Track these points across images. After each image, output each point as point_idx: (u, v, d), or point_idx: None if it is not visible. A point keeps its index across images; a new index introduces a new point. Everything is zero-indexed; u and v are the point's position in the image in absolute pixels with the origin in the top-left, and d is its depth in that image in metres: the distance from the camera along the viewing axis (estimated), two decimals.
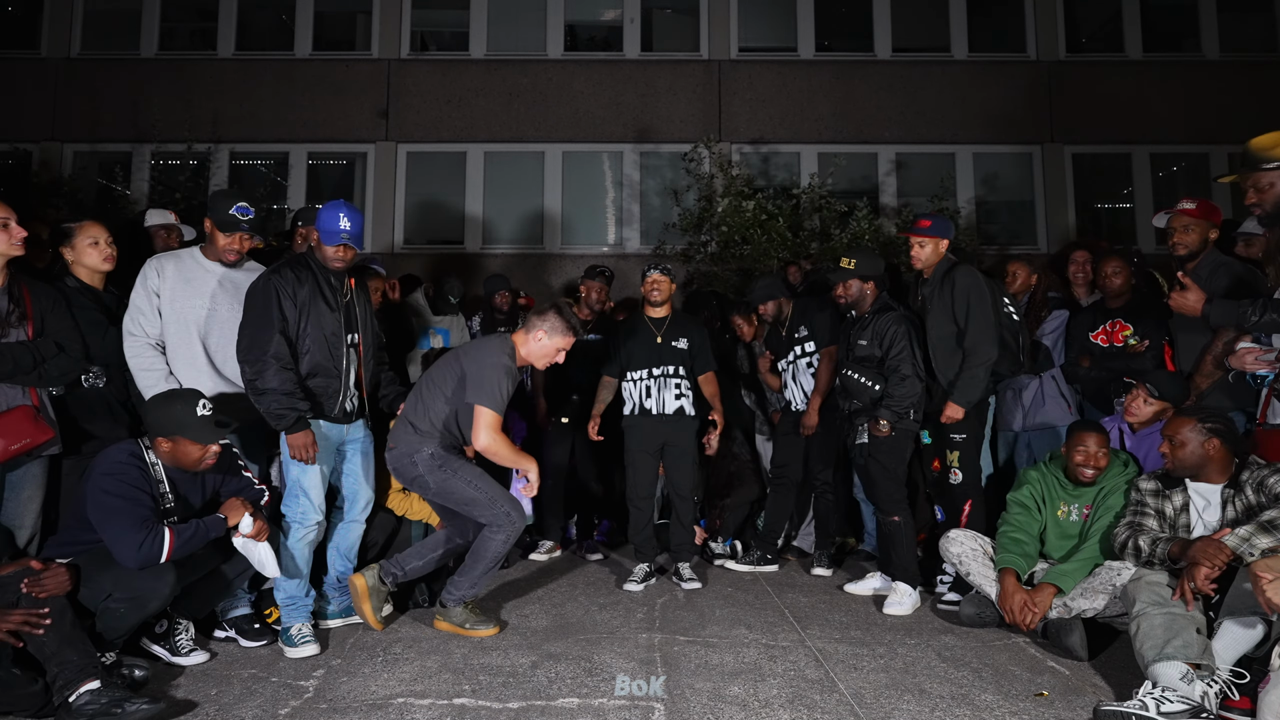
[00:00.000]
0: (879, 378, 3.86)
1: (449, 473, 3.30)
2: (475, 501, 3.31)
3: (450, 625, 3.36)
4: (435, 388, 3.39)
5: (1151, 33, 10.14)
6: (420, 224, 9.89)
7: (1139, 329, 3.95)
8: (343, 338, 3.30)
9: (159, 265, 3.30)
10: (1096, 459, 3.30)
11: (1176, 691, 2.44)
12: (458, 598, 3.36)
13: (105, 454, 2.83)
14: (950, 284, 3.80)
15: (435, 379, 3.41)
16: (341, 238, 3.21)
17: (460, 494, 3.31)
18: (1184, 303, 3.18)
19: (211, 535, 2.86)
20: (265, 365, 3.08)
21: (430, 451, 3.30)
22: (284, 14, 10.14)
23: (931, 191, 8.22)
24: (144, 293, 3.26)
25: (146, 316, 3.24)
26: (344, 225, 3.21)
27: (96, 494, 2.71)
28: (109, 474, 2.74)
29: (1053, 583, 3.16)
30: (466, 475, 3.33)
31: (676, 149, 9.26)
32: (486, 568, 3.36)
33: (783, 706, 2.59)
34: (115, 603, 2.69)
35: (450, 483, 3.30)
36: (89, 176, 9.29)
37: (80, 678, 2.40)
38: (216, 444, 2.91)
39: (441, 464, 3.30)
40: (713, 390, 4.39)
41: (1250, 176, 2.99)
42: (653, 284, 4.38)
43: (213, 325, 3.31)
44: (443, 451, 3.33)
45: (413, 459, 3.31)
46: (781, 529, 4.69)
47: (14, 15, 10.22)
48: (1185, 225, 3.61)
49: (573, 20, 10.21)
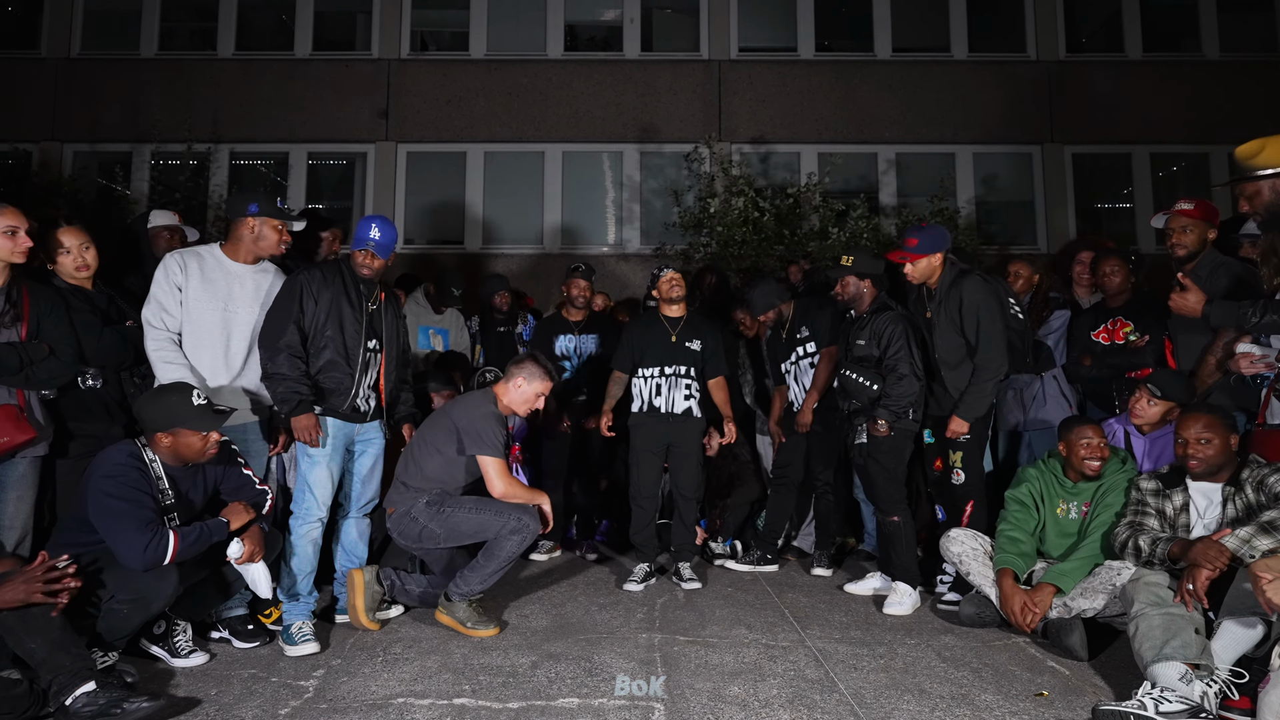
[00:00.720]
0: (877, 377, 3.85)
1: (449, 510, 3.40)
2: (486, 525, 3.37)
3: (451, 620, 3.36)
4: (428, 445, 3.49)
5: (1151, 33, 10.15)
6: (420, 224, 9.89)
7: (1139, 325, 3.95)
8: (361, 341, 3.39)
9: (182, 260, 3.29)
10: (1101, 449, 3.30)
11: (1175, 692, 2.44)
12: (464, 593, 3.36)
13: (103, 455, 2.82)
14: (957, 298, 3.75)
15: (427, 438, 3.53)
16: (367, 244, 3.40)
17: (468, 525, 3.39)
18: (1184, 304, 3.18)
19: (215, 539, 2.85)
20: (277, 352, 3.21)
21: (425, 501, 3.41)
22: (284, 14, 10.14)
23: (931, 191, 8.23)
24: (167, 286, 3.25)
25: (169, 311, 3.24)
26: (372, 234, 3.40)
27: (98, 496, 2.70)
28: (110, 476, 2.73)
29: (1052, 583, 3.16)
30: (466, 505, 3.42)
31: (677, 149, 9.27)
32: (498, 567, 3.38)
33: (783, 706, 2.59)
34: (118, 604, 2.68)
35: (454, 518, 3.39)
36: (89, 176, 9.29)
37: (74, 681, 2.38)
38: (217, 432, 2.91)
39: (439, 507, 3.40)
40: (723, 396, 4.38)
41: (1240, 185, 3.02)
42: (671, 281, 4.36)
43: (233, 325, 3.32)
44: (436, 498, 3.43)
45: (411, 514, 3.41)
46: (782, 529, 4.69)
47: (14, 15, 10.22)
48: (1184, 226, 3.59)
49: (573, 20, 10.22)
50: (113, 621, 2.70)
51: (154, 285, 3.27)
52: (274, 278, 3.44)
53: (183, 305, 3.24)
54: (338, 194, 10.18)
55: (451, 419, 3.49)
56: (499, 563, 3.36)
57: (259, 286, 3.39)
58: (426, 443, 3.51)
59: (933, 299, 3.86)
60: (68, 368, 3.13)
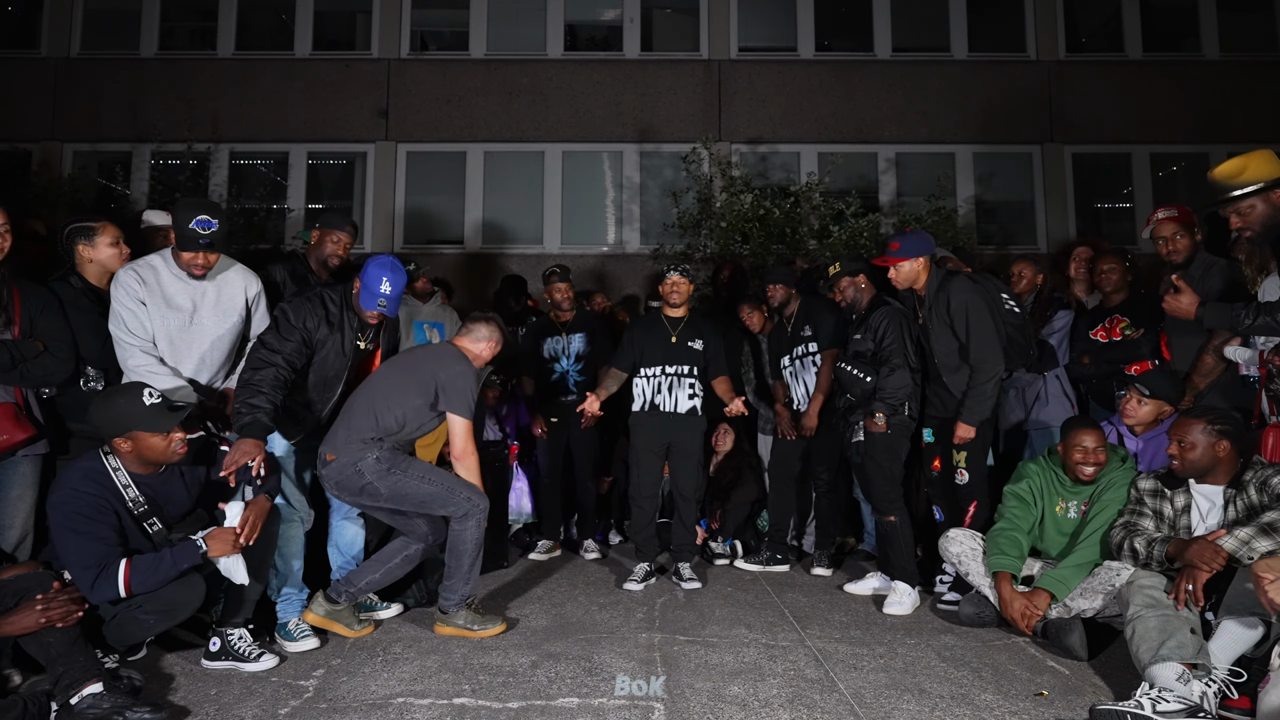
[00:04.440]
0: (871, 370, 3.86)
1: (399, 474, 3.19)
2: (433, 496, 3.21)
3: (454, 629, 3.29)
4: (396, 394, 3.25)
5: (1151, 33, 10.14)
6: (420, 224, 9.88)
7: (1135, 321, 3.98)
8: (340, 386, 3.37)
9: (138, 275, 3.18)
10: (1095, 455, 3.28)
11: (1173, 692, 2.44)
12: (456, 601, 3.31)
13: (61, 478, 2.72)
14: (945, 301, 3.77)
15: (396, 384, 3.29)
16: (377, 303, 3.27)
17: (416, 493, 3.21)
18: (1178, 306, 3.21)
19: (182, 565, 2.67)
20: (270, 361, 3.10)
21: (376, 456, 3.17)
22: (284, 14, 10.14)
23: (931, 191, 8.23)
24: (131, 302, 3.14)
25: (140, 320, 3.14)
26: (383, 289, 3.25)
27: (54, 528, 2.61)
28: (59, 506, 2.61)
29: (1048, 589, 3.15)
30: (417, 471, 3.23)
31: (676, 149, 9.26)
32: (472, 560, 3.28)
33: (783, 706, 2.59)
34: (144, 613, 2.65)
35: (402, 483, 3.19)
36: (89, 176, 9.28)
37: (84, 679, 2.39)
38: (181, 431, 2.74)
39: (390, 466, 3.18)
40: (727, 388, 4.36)
41: (1230, 205, 3.07)
42: (672, 286, 4.35)
43: (195, 336, 3.25)
44: (387, 454, 3.20)
45: (357, 468, 3.16)
46: (787, 526, 4.70)
47: (14, 15, 10.22)
48: (1174, 233, 3.67)
49: (573, 20, 10.21)
50: (131, 629, 2.69)
51: (116, 300, 3.14)
52: (239, 276, 3.36)
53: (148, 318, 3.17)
54: (338, 194, 10.17)
55: (430, 371, 3.27)
56: (470, 555, 3.26)
57: (220, 292, 3.30)
58: (395, 390, 3.26)
59: (923, 304, 3.88)
60: (63, 364, 3.10)
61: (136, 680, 2.66)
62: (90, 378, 3.28)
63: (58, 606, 2.45)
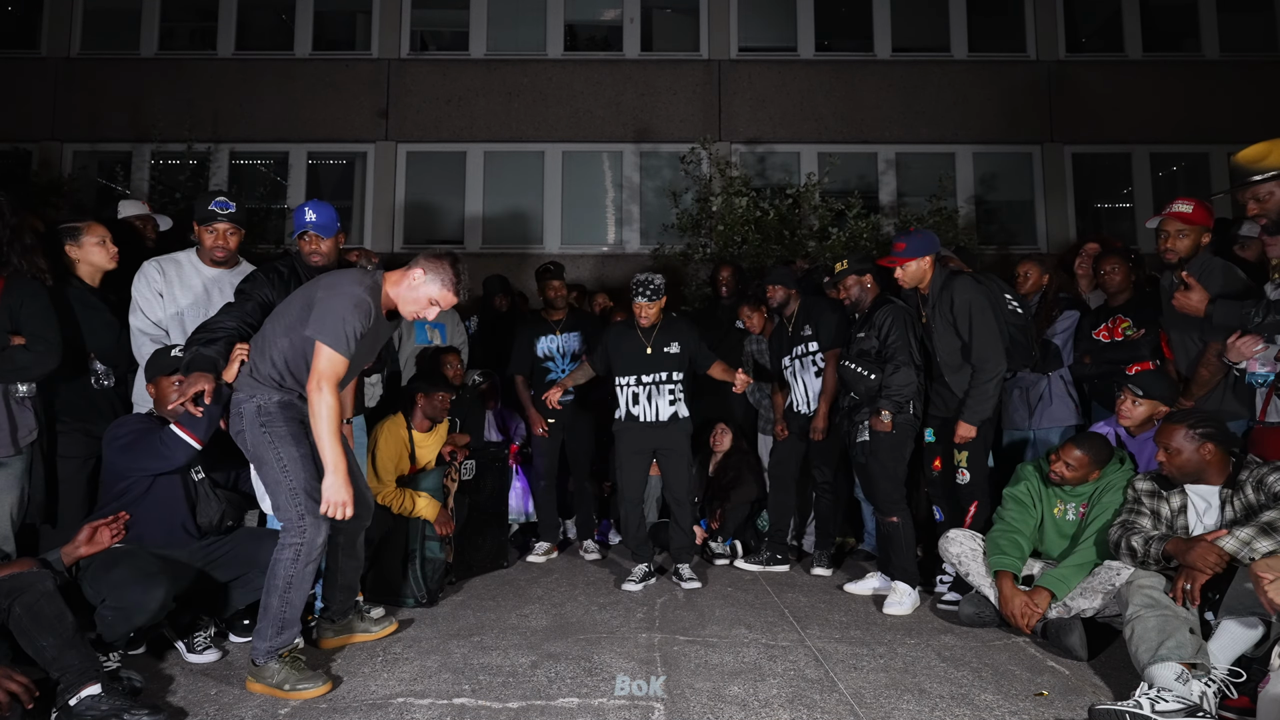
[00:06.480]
0: (876, 368, 3.86)
1: (268, 436, 2.70)
2: (277, 486, 2.70)
3: (265, 687, 2.65)
4: (280, 321, 2.78)
5: (1151, 33, 10.16)
6: (420, 224, 9.89)
7: (1137, 320, 3.96)
8: None
9: (159, 266, 3.33)
10: (1072, 470, 3.28)
11: (1172, 692, 2.44)
12: (264, 650, 2.68)
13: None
14: (948, 300, 3.77)
15: (281, 310, 2.84)
16: (305, 228, 3.28)
17: (265, 471, 2.73)
18: (1187, 303, 3.18)
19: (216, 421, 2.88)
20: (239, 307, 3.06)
21: (259, 404, 2.73)
22: (284, 14, 10.15)
23: (931, 191, 8.23)
24: (150, 292, 3.28)
25: (157, 311, 3.27)
26: (308, 217, 3.28)
27: (113, 455, 2.93)
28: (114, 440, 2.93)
29: (1048, 588, 3.16)
30: (283, 451, 2.70)
31: (676, 149, 9.27)
32: (282, 600, 2.68)
33: (783, 706, 2.59)
34: (106, 610, 2.69)
35: (263, 449, 2.71)
36: (89, 176, 9.30)
37: (81, 681, 2.37)
38: (178, 379, 2.92)
39: (265, 423, 2.71)
40: (723, 369, 4.34)
41: (1248, 189, 3.02)
42: (641, 310, 4.21)
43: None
44: (274, 409, 2.73)
45: (240, 408, 2.75)
46: (788, 526, 4.70)
47: (14, 15, 10.23)
48: (1179, 231, 3.45)
49: (572, 20, 10.22)
50: (102, 626, 2.70)
51: (136, 292, 3.29)
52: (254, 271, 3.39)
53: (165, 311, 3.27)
54: (338, 194, 10.18)
55: (319, 287, 2.77)
56: (278, 592, 2.68)
57: (236, 285, 3.31)
58: (280, 317, 2.80)
59: (926, 303, 3.88)
60: (39, 360, 2.92)
61: (136, 681, 2.66)
62: (100, 374, 3.28)
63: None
